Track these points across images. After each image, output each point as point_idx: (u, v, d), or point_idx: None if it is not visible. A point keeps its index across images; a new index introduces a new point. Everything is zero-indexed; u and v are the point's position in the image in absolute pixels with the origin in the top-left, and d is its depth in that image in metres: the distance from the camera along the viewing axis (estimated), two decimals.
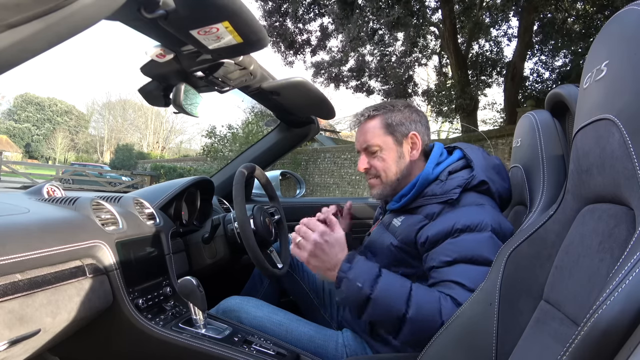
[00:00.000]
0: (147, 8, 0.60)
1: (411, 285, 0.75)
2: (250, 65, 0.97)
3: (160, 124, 33.84)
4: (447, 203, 0.84)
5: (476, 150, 0.93)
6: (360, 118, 0.96)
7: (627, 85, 0.39)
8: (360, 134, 0.96)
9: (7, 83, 44.56)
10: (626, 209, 0.40)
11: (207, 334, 0.84)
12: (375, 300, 0.72)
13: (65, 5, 0.34)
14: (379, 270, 0.76)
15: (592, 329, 0.31)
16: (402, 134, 0.93)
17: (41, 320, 0.61)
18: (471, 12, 7.46)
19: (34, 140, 35.05)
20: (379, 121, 0.93)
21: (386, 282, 0.74)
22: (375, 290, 0.72)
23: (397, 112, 0.94)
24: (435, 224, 0.83)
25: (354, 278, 0.74)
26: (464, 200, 0.84)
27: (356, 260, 0.77)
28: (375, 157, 0.93)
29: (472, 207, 0.82)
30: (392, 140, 0.92)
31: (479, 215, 0.80)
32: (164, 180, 10.91)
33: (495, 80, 9.15)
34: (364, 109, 0.98)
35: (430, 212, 0.85)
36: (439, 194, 0.86)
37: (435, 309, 0.70)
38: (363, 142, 0.94)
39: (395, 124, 0.93)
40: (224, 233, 1.15)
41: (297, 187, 2.02)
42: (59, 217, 0.75)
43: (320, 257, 0.79)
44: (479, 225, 0.79)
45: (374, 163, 0.94)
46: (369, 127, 0.94)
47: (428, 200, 0.87)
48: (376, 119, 0.94)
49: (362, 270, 0.75)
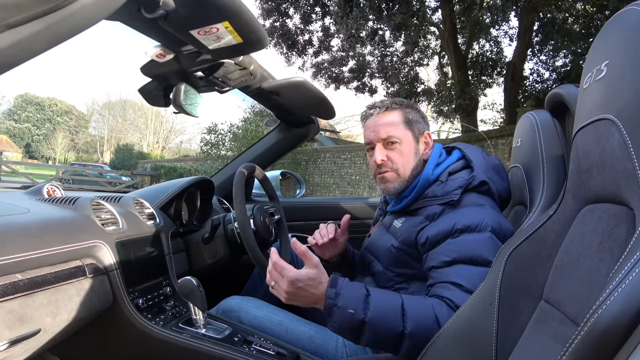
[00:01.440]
0: (147, 8, 0.60)
1: (402, 299, 0.73)
2: (250, 65, 0.97)
3: (160, 124, 33.85)
4: (448, 204, 0.84)
5: (475, 150, 0.93)
6: (378, 109, 0.93)
7: (627, 85, 0.39)
8: (379, 124, 0.91)
9: (7, 83, 44.61)
10: (626, 209, 0.40)
11: (207, 334, 0.84)
12: (370, 323, 0.69)
13: (65, 5, 0.34)
14: (366, 290, 0.73)
15: (592, 329, 0.31)
16: (419, 131, 0.92)
17: (41, 320, 0.61)
18: (471, 13, 7.46)
19: (34, 140, 35.05)
20: (400, 114, 0.91)
21: (377, 301, 0.71)
22: (368, 313, 0.69)
23: (414, 110, 0.93)
24: (435, 224, 0.83)
25: (343, 305, 0.70)
26: (464, 201, 0.84)
27: (340, 285, 0.72)
28: (394, 150, 0.90)
29: (472, 208, 0.82)
30: (412, 135, 0.91)
31: (480, 215, 0.80)
32: (164, 180, 10.91)
33: (496, 81, 9.15)
34: (380, 101, 0.95)
35: (431, 213, 0.85)
36: (439, 195, 0.86)
37: (431, 318, 0.69)
38: (384, 132, 0.90)
39: (414, 120, 0.92)
40: (224, 233, 1.15)
41: (297, 187, 2.02)
42: (59, 217, 0.75)
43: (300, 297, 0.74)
44: (479, 225, 0.79)
45: (392, 156, 0.90)
46: (390, 119, 0.91)
47: (429, 201, 0.87)
48: (397, 111, 0.92)
49: (350, 295, 0.71)
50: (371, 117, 0.94)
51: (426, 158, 0.93)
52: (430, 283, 0.79)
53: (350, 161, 9.12)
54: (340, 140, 15.46)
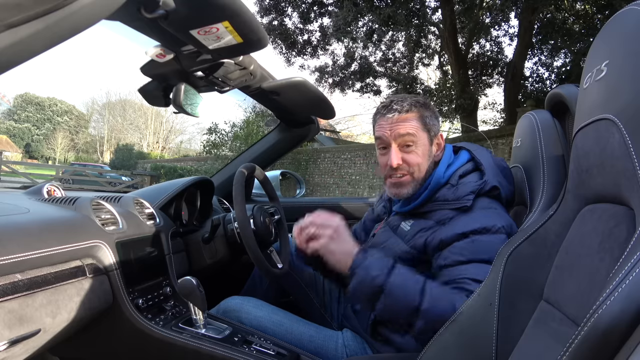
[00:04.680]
0: (147, 8, 0.60)
1: (425, 279, 0.75)
2: (250, 65, 0.97)
3: (160, 124, 33.81)
4: (459, 209, 0.83)
5: (485, 152, 0.92)
6: (398, 108, 0.88)
7: (627, 85, 0.39)
8: (398, 124, 0.87)
9: (7, 83, 44.52)
10: (626, 209, 0.40)
11: (207, 334, 0.84)
12: (389, 290, 0.73)
13: (65, 5, 0.34)
14: (393, 262, 0.77)
15: (592, 329, 0.31)
16: (434, 133, 0.91)
17: (41, 320, 0.61)
18: (471, 13, 7.46)
19: (34, 140, 35.03)
20: (418, 115, 0.88)
21: (400, 274, 0.75)
22: (389, 280, 0.73)
23: (430, 110, 0.90)
24: (448, 227, 0.82)
25: (369, 266, 0.76)
26: (476, 206, 0.83)
27: (370, 252, 0.79)
28: (411, 153, 0.88)
29: (485, 211, 0.82)
30: (427, 137, 0.89)
31: (493, 218, 0.80)
32: (164, 180, 10.90)
33: (496, 81, 9.15)
34: (398, 99, 0.90)
35: (443, 217, 0.84)
36: (450, 200, 0.85)
37: (449, 303, 0.70)
38: (405, 133, 0.87)
39: (430, 122, 0.90)
40: (224, 233, 1.15)
41: (297, 187, 2.02)
42: (59, 217, 0.75)
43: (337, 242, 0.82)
44: (493, 227, 0.78)
45: (409, 158, 0.88)
46: (409, 120, 0.87)
47: (439, 205, 0.86)
48: (415, 112, 0.88)
49: (376, 261, 0.77)
50: (390, 115, 0.88)
51: (437, 160, 0.91)
52: (444, 280, 0.77)
53: (350, 161, 9.12)
54: (340, 140, 15.47)
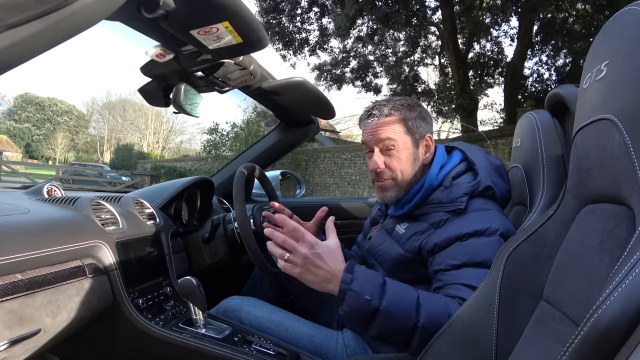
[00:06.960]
0: (147, 8, 0.60)
1: (417, 292, 0.73)
2: (250, 65, 0.97)
3: (160, 124, 33.80)
4: (454, 212, 0.83)
5: (477, 152, 0.92)
6: (377, 113, 0.89)
7: (627, 85, 0.39)
8: (378, 129, 0.88)
9: (7, 83, 44.45)
10: (626, 209, 0.40)
11: (207, 334, 0.84)
12: (384, 312, 0.68)
13: (65, 5, 0.34)
14: (382, 278, 0.73)
15: (592, 329, 0.31)
16: (420, 136, 0.90)
17: (41, 320, 0.61)
18: (471, 13, 7.46)
19: (34, 140, 35.02)
20: (400, 119, 0.88)
21: (394, 291, 0.71)
22: (384, 301, 0.68)
23: (415, 112, 0.89)
24: (442, 230, 0.82)
25: (360, 290, 0.69)
26: (470, 207, 0.83)
27: (357, 270, 0.71)
28: (392, 157, 0.88)
29: (479, 213, 0.82)
30: (411, 141, 0.89)
31: (488, 220, 0.80)
32: (164, 180, 10.90)
33: (496, 81, 9.15)
34: (379, 104, 0.91)
35: (436, 220, 0.84)
36: (444, 202, 0.84)
37: (444, 314, 0.69)
38: (385, 137, 0.87)
39: (414, 125, 0.89)
40: (224, 233, 1.15)
41: (297, 187, 2.02)
42: (59, 217, 0.75)
43: (314, 272, 0.71)
44: (487, 229, 0.78)
45: (390, 163, 0.88)
46: (389, 124, 0.88)
47: (433, 208, 0.86)
48: (396, 116, 0.88)
49: (366, 281, 0.70)
50: (370, 120, 0.90)
51: (426, 162, 0.91)
52: (438, 286, 0.78)
53: (350, 161, 9.12)
54: (340, 140, 15.47)
